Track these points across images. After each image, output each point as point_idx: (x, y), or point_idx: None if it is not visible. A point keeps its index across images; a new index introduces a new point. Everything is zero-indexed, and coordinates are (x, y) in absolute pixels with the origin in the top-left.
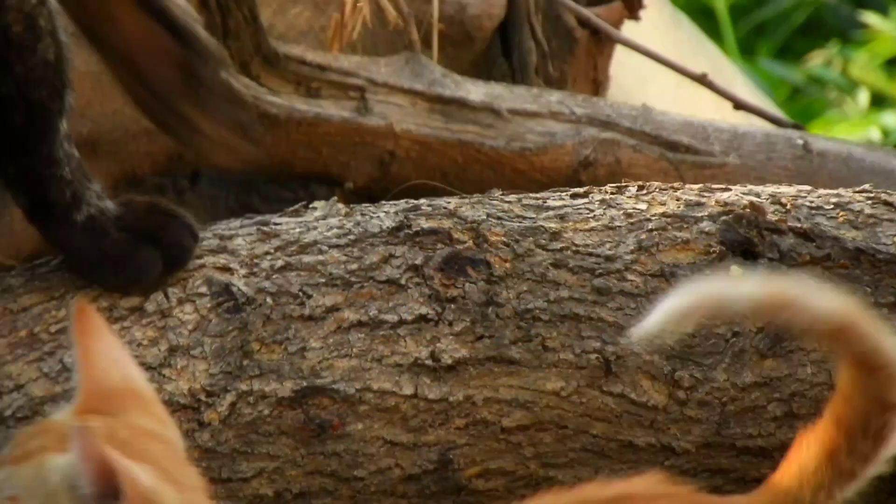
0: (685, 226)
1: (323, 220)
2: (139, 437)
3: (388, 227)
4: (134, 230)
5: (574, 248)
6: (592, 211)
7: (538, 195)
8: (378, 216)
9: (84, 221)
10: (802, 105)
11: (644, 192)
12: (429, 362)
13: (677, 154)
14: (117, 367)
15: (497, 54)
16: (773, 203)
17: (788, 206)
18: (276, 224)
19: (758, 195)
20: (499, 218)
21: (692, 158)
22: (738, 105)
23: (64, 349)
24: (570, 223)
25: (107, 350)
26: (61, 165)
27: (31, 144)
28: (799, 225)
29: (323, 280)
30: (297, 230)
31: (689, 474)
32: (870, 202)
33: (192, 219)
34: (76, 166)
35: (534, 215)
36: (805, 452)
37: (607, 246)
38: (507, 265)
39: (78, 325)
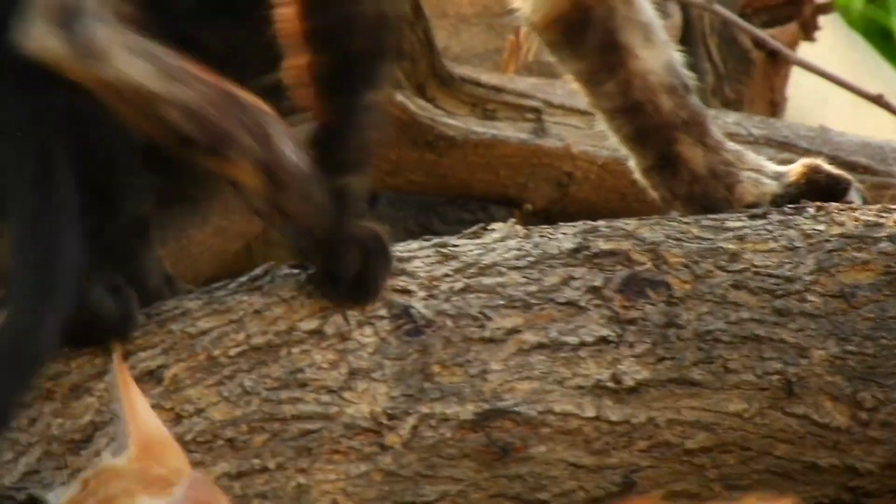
0: (864, 246)
1: (501, 241)
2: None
3: (566, 249)
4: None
5: (754, 269)
6: (771, 231)
7: (716, 216)
8: (557, 237)
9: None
10: None
11: (822, 212)
12: (610, 384)
13: (855, 175)
14: (151, 416)
15: None
16: None
17: None
18: (454, 246)
19: None
20: (677, 239)
21: (870, 179)
22: None
23: (244, 373)
24: (749, 244)
25: (142, 400)
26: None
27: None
28: None
29: (502, 302)
30: (476, 252)
31: (873, 495)
32: None
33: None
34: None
35: (712, 236)
36: None
37: (787, 267)
38: (687, 287)
39: (121, 375)
